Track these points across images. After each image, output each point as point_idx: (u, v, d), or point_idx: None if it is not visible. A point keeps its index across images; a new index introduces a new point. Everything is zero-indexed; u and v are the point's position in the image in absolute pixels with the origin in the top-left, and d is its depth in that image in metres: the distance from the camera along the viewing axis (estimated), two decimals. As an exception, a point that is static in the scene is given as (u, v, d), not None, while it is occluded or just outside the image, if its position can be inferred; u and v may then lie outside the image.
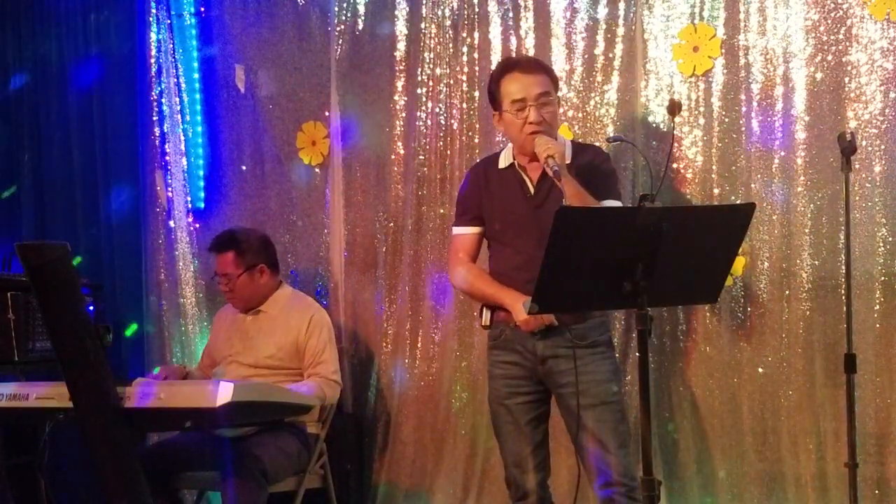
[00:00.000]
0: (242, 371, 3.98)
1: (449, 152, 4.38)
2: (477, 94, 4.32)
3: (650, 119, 4.02)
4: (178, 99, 4.87)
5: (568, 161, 3.20)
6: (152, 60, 4.87)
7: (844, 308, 3.34)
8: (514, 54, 4.20)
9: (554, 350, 3.26)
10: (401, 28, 4.47)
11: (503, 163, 3.40)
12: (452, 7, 4.37)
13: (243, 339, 4.06)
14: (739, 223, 2.68)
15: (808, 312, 3.77)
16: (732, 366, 3.87)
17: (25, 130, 5.25)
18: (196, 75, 4.89)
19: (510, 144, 3.42)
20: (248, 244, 4.06)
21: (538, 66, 3.34)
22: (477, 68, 4.32)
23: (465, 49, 4.36)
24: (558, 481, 3.68)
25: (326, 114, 4.65)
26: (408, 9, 4.46)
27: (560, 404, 3.33)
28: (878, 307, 3.67)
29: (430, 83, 4.41)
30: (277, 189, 4.74)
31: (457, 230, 3.49)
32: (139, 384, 3.14)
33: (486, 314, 3.36)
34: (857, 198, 3.67)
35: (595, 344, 3.27)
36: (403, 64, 4.47)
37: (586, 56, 4.10)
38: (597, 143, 3.78)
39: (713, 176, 3.92)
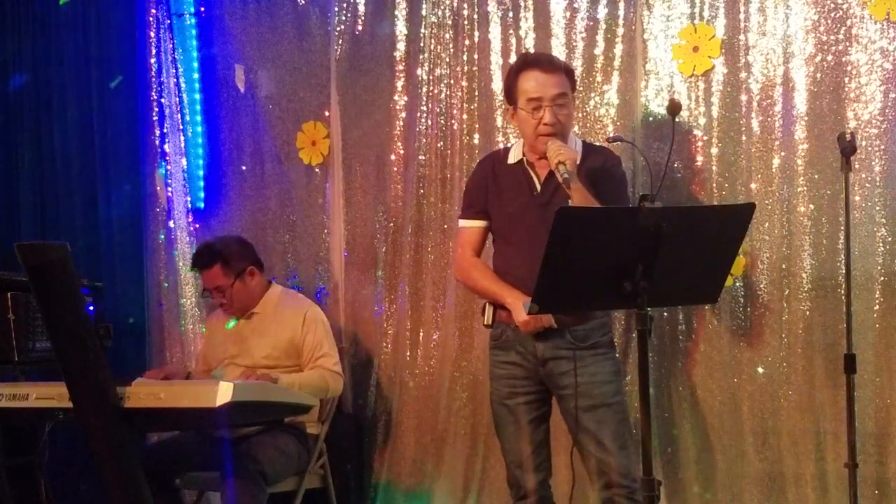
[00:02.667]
0: (232, 374, 3.96)
1: (449, 152, 4.38)
2: (477, 94, 4.32)
3: (650, 119, 4.02)
4: (178, 99, 4.87)
5: (578, 162, 3.18)
6: (152, 60, 4.88)
7: (844, 308, 3.34)
8: (514, 53, 4.21)
9: (554, 352, 3.26)
10: (401, 28, 4.47)
11: (512, 158, 3.39)
12: (452, 7, 4.37)
13: (238, 342, 4.06)
14: (739, 223, 2.68)
15: (808, 312, 3.77)
16: (732, 366, 3.87)
17: (25, 130, 5.26)
18: (196, 75, 4.89)
19: (520, 140, 3.41)
20: (230, 252, 4.03)
21: (558, 66, 3.30)
22: (477, 68, 4.32)
23: (465, 49, 4.36)
24: (559, 481, 3.68)
25: (326, 114, 4.65)
26: (408, 9, 4.45)
27: (561, 406, 3.33)
28: (877, 307, 3.67)
29: (430, 83, 4.41)
30: (277, 189, 4.74)
31: (462, 223, 3.49)
32: (139, 384, 3.14)
33: (489, 312, 3.36)
34: (857, 198, 3.67)
35: (596, 345, 3.26)
36: (403, 64, 4.47)
37: (586, 56, 4.10)
38: (596, 142, 3.77)
39: (713, 176, 3.92)
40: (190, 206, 4.88)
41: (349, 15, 4.57)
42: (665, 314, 3.94)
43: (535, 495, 3.33)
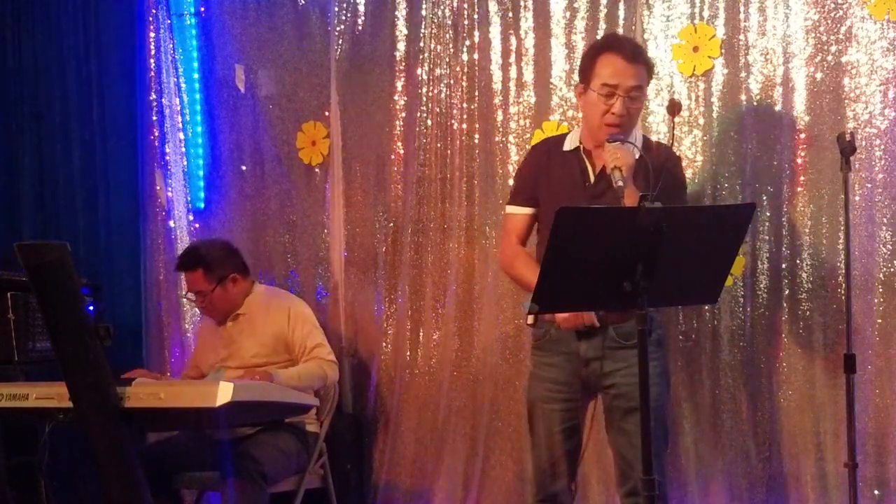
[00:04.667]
0: (232, 374, 3.96)
1: (449, 152, 4.38)
2: (477, 94, 4.32)
3: (650, 119, 4.02)
4: (178, 99, 4.87)
5: (637, 157, 3.04)
6: (152, 60, 4.87)
7: (844, 308, 3.34)
8: (514, 53, 4.21)
9: (597, 351, 3.13)
10: (401, 28, 4.47)
11: (568, 145, 3.24)
12: (452, 7, 4.37)
13: (227, 345, 4.06)
14: (739, 223, 2.68)
15: (808, 312, 3.76)
16: (732, 366, 3.86)
17: (25, 130, 5.25)
18: (196, 75, 4.88)
19: (578, 128, 3.30)
20: (213, 257, 4.02)
21: (640, 57, 3.16)
22: (477, 68, 4.32)
23: (465, 49, 4.35)
24: (587, 485, 3.65)
25: (326, 114, 4.64)
26: (408, 9, 4.45)
27: (604, 404, 3.22)
28: (877, 307, 3.67)
29: (430, 83, 4.41)
30: (277, 189, 4.74)
31: (510, 209, 3.35)
32: (140, 384, 3.14)
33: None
34: (857, 198, 3.67)
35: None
36: (403, 64, 4.47)
37: (586, 56, 4.09)
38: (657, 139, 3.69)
39: (713, 176, 3.92)
40: (190, 206, 4.87)
41: (349, 15, 4.57)
42: (665, 314, 3.93)
43: (556, 500, 3.24)
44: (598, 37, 4.05)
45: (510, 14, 4.25)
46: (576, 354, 3.16)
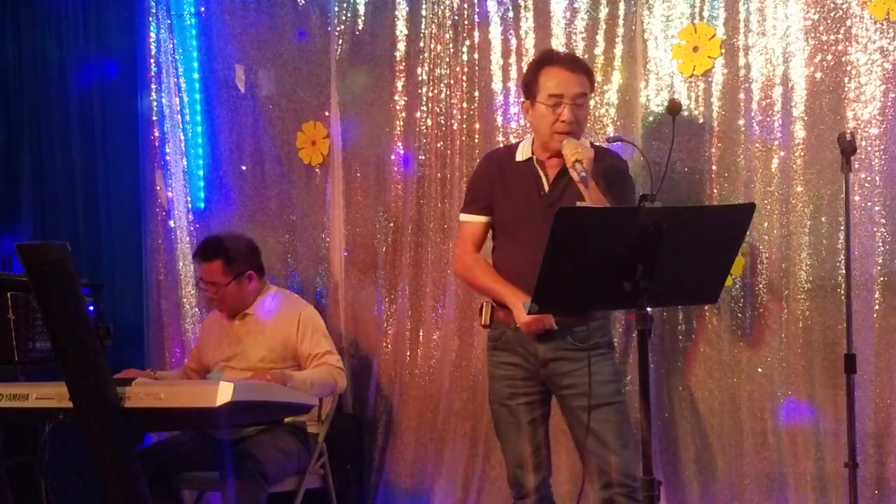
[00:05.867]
0: (237, 375, 3.95)
1: (449, 152, 4.38)
2: (477, 94, 4.32)
3: (650, 119, 4.02)
4: (178, 99, 4.87)
5: (592, 157, 3.16)
6: (152, 60, 4.88)
7: (844, 308, 3.34)
8: (514, 53, 4.21)
9: (556, 353, 3.25)
10: (401, 28, 4.47)
11: (521, 155, 3.37)
12: (452, 7, 4.37)
13: (234, 345, 4.05)
14: (739, 223, 2.68)
15: (807, 312, 3.76)
16: (732, 366, 3.86)
17: (25, 130, 5.26)
18: (196, 75, 4.89)
19: (528, 137, 3.39)
20: (236, 252, 4.02)
21: (581, 66, 3.32)
22: (477, 68, 4.32)
23: (465, 49, 4.36)
24: (558, 480, 3.68)
25: (326, 114, 4.64)
26: (408, 9, 4.45)
27: (563, 405, 3.33)
28: (877, 307, 3.67)
29: (430, 83, 4.41)
30: (277, 189, 4.74)
31: (464, 217, 3.47)
32: (140, 384, 3.14)
33: (487, 312, 3.34)
34: (857, 198, 3.67)
35: (596, 346, 3.25)
36: (403, 64, 4.47)
37: (586, 56, 4.08)
38: (598, 143, 3.77)
39: (713, 176, 3.92)
40: (190, 206, 4.88)
41: (349, 15, 4.57)
42: (665, 314, 3.94)
43: (536, 495, 3.33)
44: (598, 37, 4.07)
45: (510, 14, 4.25)
46: (534, 356, 3.28)
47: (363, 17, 4.55)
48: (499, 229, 3.41)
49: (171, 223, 4.85)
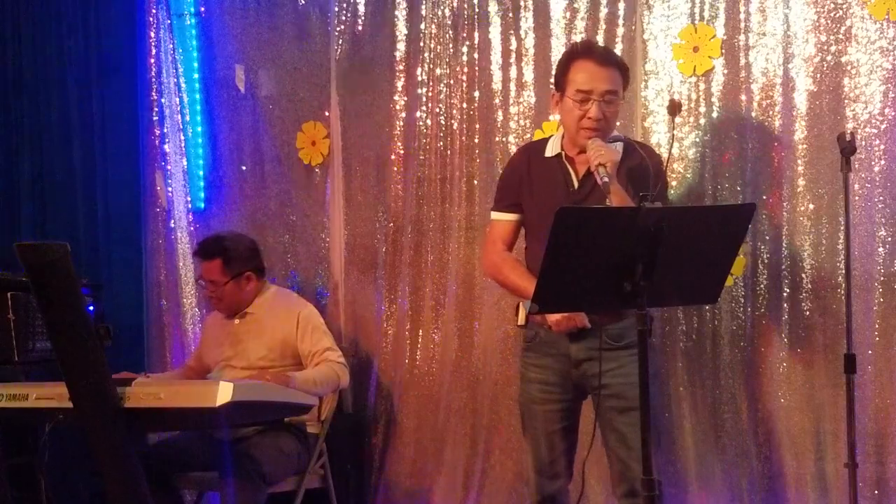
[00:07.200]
0: (237, 374, 3.96)
1: (449, 152, 4.38)
2: (477, 94, 4.32)
3: (650, 119, 4.02)
4: (178, 99, 4.87)
5: (618, 161, 3.07)
6: (152, 60, 4.87)
7: (844, 308, 3.34)
8: (514, 53, 4.21)
9: (588, 353, 3.15)
10: (401, 28, 4.47)
11: (550, 151, 3.26)
12: (452, 7, 4.37)
13: (233, 344, 4.06)
14: (739, 223, 2.68)
15: (807, 312, 3.76)
16: (732, 366, 3.86)
17: (25, 130, 5.26)
18: (196, 75, 4.88)
19: (559, 132, 3.31)
20: (236, 252, 4.03)
21: (612, 61, 3.19)
22: (477, 68, 4.32)
23: (465, 49, 4.35)
24: (573, 486, 3.65)
25: (326, 114, 4.64)
26: (408, 9, 4.45)
27: (596, 406, 3.21)
28: (877, 307, 3.67)
29: (430, 83, 4.41)
30: (277, 189, 4.74)
31: (494, 215, 3.38)
32: (140, 384, 3.14)
33: (522, 312, 3.20)
34: (857, 198, 3.67)
35: (630, 345, 3.07)
36: (403, 64, 4.47)
37: (586, 56, 4.09)
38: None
39: (713, 176, 3.92)
40: (190, 206, 4.87)
41: (349, 15, 4.57)
42: (665, 314, 3.94)
43: (555, 500, 3.26)
44: (598, 37, 4.06)
45: (510, 14, 4.25)
46: (567, 356, 3.20)
47: (363, 18, 4.55)
48: (528, 228, 3.30)
49: (171, 223, 4.85)
